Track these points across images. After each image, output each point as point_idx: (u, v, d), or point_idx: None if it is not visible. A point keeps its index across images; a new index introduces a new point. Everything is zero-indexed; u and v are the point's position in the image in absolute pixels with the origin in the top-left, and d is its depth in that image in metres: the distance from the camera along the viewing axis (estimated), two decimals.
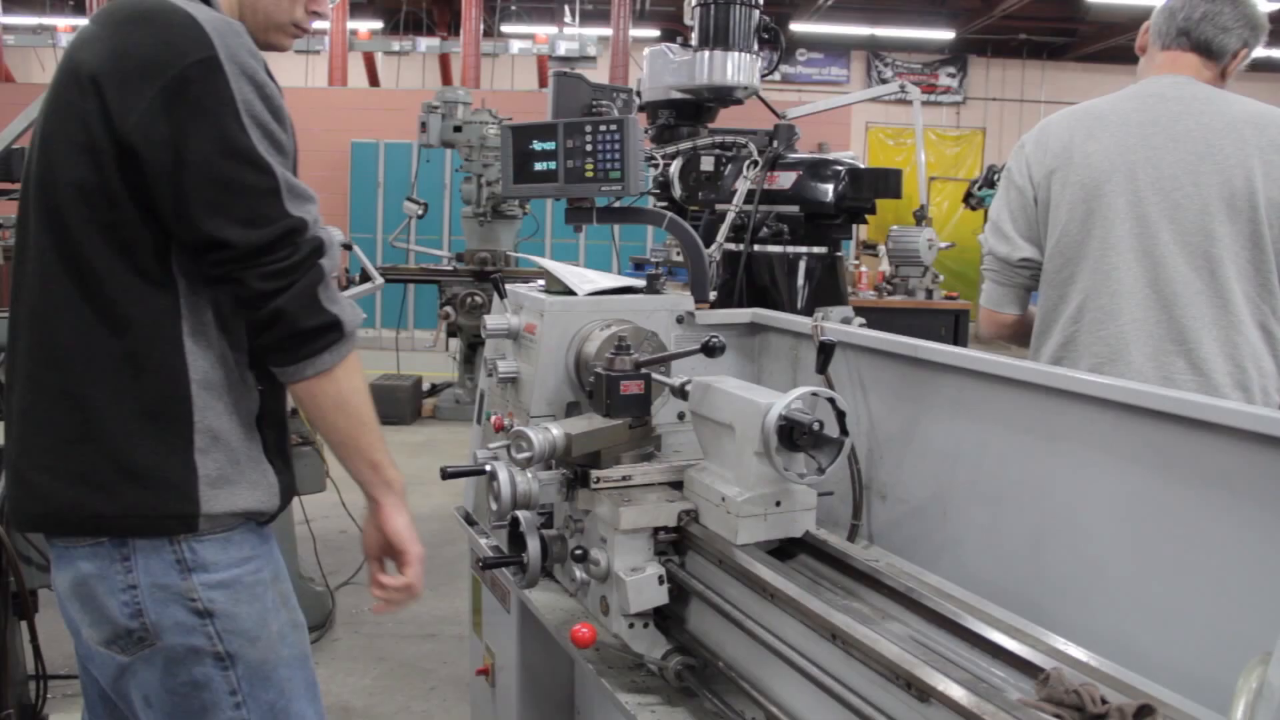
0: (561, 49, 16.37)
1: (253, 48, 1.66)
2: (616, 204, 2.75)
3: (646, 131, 3.97)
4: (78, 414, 1.65)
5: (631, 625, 2.00)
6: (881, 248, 8.65)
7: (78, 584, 1.68)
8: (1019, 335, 2.66)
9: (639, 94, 3.95)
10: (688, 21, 3.81)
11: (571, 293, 2.45)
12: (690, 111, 3.95)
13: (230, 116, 1.58)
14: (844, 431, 1.87)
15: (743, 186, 3.44)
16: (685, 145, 3.81)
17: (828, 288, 3.47)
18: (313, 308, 1.65)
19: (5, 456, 1.78)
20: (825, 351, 2.17)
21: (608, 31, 16.75)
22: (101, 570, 1.66)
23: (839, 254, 3.56)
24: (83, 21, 16.71)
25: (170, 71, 1.56)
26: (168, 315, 1.65)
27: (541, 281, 2.57)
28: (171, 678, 1.68)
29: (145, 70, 1.57)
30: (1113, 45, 18.38)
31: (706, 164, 3.80)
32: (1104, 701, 1.28)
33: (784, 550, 1.96)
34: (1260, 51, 2.59)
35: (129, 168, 1.60)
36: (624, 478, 2.05)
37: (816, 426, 1.81)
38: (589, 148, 2.54)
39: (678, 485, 2.06)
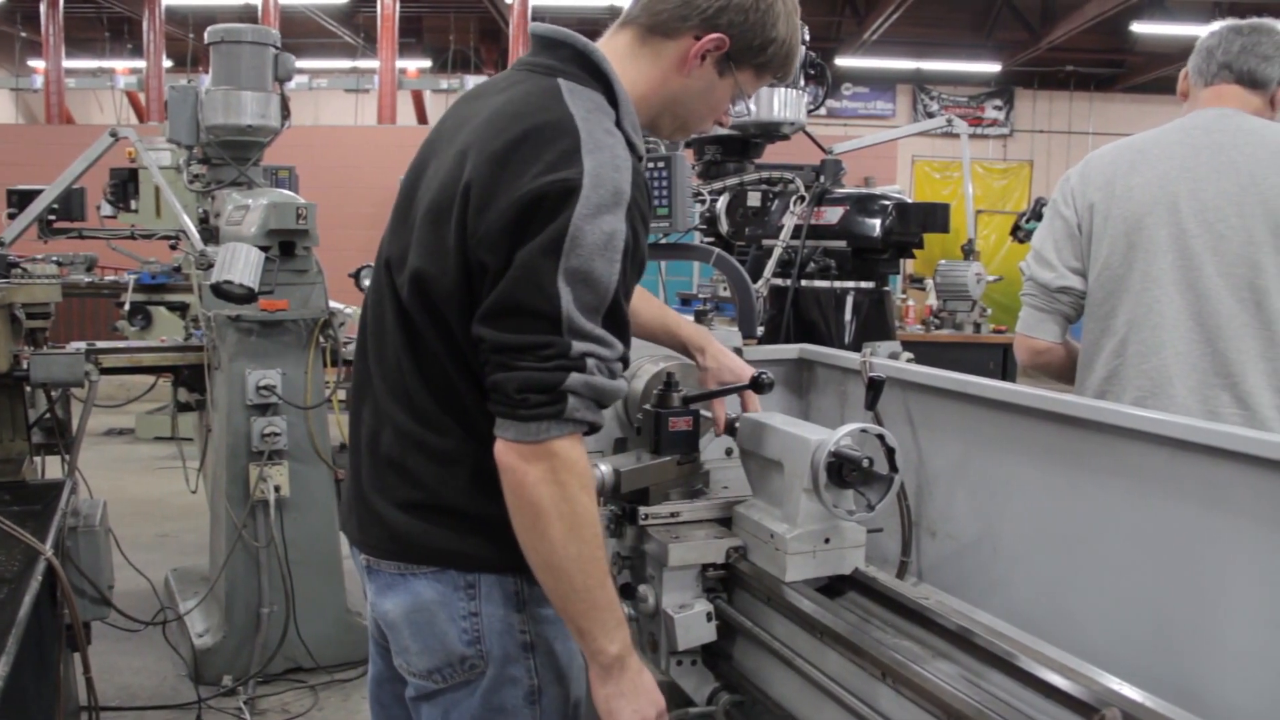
0: None
1: (625, 162, 1.61)
2: (664, 240, 2.77)
3: (693, 167, 4.00)
4: (430, 465, 1.69)
5: (679, 662, 2.00)
6: (928, 281, 8.60)
7: (416, 610, 1.71)
8: (1054, 364, 2.61)
9: None
10: None
11: None
12: (737, 147, 3.97)
13: (552, 245, 1.53)
14: (893, 468, 1.86)
15: (789, 222, 3.45)
16: (732, 181, 3.84)
17: (875, 322, 3.46)
18: (540, 378, 1.54)
19: (350, 480, 1.84)
20: (875, 387, 2.16)
21: None
22: (444, 597, 1.70)
23: (886, 289, 3.56)
24: (140, 64, 17.13)
25: (529, 193, 1.54)
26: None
27: None
28: (484, 706, 1.72)
29: (509, 187, 1.56)
30: (1161, 76, 18.24)
31: (753, 200, 3.82)
32: None
33: (833, 587, 1.95)
34: None
35: (469, 275, 1.60)
36: (672, 514, 2.05)
37: (866, 463, 1.81)
38: None
39: (726, 522, 2.06)
